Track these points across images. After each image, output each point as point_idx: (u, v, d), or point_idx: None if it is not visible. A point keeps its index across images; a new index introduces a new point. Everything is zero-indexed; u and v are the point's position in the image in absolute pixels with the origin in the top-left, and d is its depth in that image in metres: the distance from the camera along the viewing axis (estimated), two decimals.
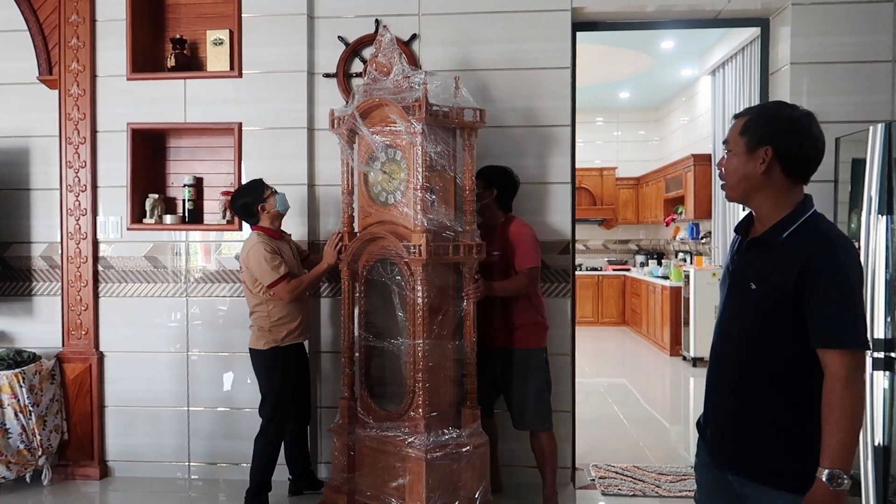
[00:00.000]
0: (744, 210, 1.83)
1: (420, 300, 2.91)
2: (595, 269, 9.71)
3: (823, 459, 1.49)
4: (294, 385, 3.43)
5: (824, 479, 1.48)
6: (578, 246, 3.87)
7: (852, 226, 3.40)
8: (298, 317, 3.38)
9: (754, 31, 4.23)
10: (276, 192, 3.38)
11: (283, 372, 3.34)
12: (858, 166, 3.19)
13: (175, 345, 3.84)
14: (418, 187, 2.89)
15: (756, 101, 4.22)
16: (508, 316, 3.28)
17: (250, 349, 3.37)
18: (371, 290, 3.20)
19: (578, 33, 3.80)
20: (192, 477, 3.85)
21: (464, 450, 2.99)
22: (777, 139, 1.62)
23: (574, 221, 3.77)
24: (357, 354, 3.25)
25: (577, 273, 3.88)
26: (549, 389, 3.35)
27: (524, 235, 3.25)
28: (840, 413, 1.48)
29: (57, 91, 3.84)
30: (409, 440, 2.93)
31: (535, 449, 3.34)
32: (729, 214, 6.08)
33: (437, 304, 3.00)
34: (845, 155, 3.42)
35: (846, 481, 1.47)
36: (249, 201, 3.34)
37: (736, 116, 1.74)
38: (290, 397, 3.39)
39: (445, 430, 2.98)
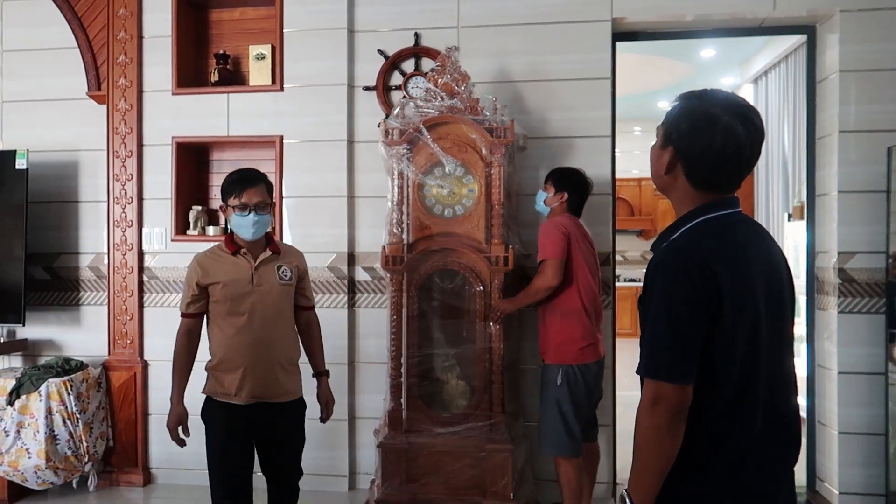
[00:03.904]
0: (790, 220, 1.74)
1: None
2: (633, 280, 9.59)
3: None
4: (245, 448, 2.57)
5: (621, 495, 1.42)
6: (617, 257, 3.82)
7: None
8: (240, 367, 2.49)
9: (799, 38, 4.13)
10: (252, 210, 2.46)
11: (216, 432, 2.53)
12: None
13: None
14: (497, 203, 3.16)
15: (802, 110, 4.11)
16: (541, 323, 3.16)
17: None
18: (422, 300, 3.30)
19: (618, 43, 3.77)
20: None
21: (525, 441, 3.30)
22: (678, 139, 1.41)
23: (615, 233, 3.73)
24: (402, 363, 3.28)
25: (615, 284, 3.81)
26: (563, 413, 2.98)
27: (543, 229, 3.06)
28: (637, 440, 1.38)
29: (105, 106, 3.95)
30: (493, 435, 3.10)
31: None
32: (771, 223, 5.93)
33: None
34: None
35: None
36: (221, 195, 2.55)
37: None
38: (233, 466, 2.53)
39: (512, 424, 3.23)
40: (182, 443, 2.58)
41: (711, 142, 1.37)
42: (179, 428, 2.58)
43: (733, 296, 1.32)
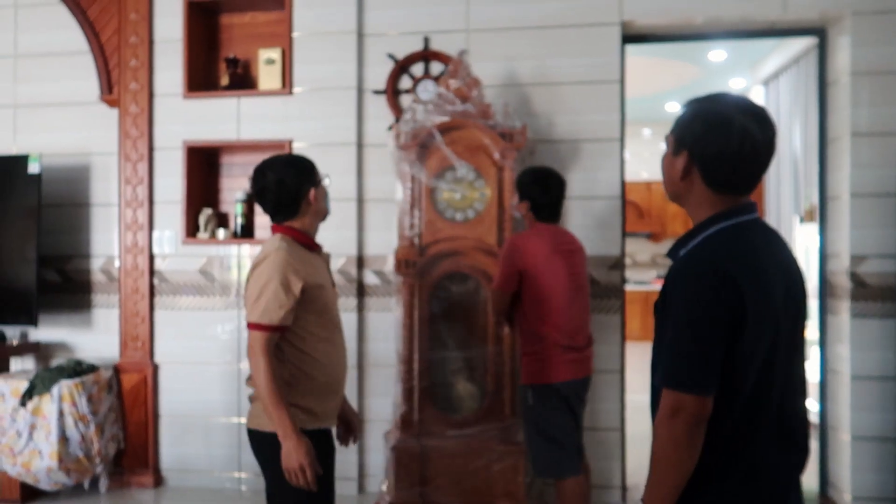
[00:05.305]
0: (803, 222, 1.72)
1: None
2: (642, 283, 9.55)
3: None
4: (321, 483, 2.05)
5: None
6: (626, 260, 3.82)
7: None
8: (334, 386, 2.12)
9: (810, 41, 4.10)
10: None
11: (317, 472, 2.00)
12: None
13: (226, 356, 3.91)
14: (508, 207, 3.19)
15: (813, 113, 4.09)
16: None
17: (249, 430, 2.09)
18: (434, 303, 3.33)
19: (627, 46, 3.76)
20: (242, 488, 3.90)
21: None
22: (693, 143, 1.39)
23: (624, 237, 3.72)
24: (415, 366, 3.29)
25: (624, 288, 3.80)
26: (544, 432, 2.73)
27: (500, 253, 2.89)
28: (654, 451, 1.35)
29: (116, 110, 3.98)
30: (506, 437, 3.14)
31: None
32: (782, 226, 5.89)
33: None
34: None
35: None
36: (294, 182, 2.11)
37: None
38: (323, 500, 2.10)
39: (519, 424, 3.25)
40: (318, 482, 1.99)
41: (728, 142, 1.36)
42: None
43: (755, 306, 1.30)
